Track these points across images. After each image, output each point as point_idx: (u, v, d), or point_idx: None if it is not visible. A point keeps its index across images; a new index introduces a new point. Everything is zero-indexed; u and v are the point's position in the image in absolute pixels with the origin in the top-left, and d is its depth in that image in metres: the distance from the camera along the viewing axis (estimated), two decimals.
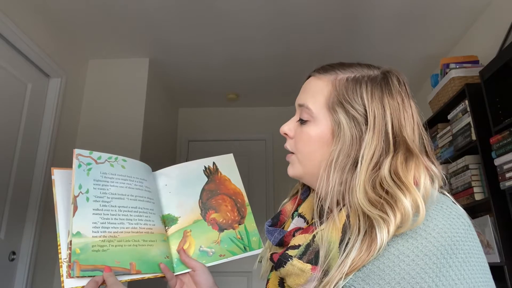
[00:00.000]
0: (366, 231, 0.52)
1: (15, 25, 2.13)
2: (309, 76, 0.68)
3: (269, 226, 0.68)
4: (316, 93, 0.63)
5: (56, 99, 2.53)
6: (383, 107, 0.58)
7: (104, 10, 2.39)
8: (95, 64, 2.99)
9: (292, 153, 0.66)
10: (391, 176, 0.55)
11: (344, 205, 0.57)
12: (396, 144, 0.57)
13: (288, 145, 0.67)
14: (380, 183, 0.55)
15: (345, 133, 0.58)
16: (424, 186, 0.54)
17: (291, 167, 0.66)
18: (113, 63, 2.99)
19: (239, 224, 0.85)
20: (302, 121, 0.64)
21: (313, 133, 0.62)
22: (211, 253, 0.81)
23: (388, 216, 0.51)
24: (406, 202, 0.51)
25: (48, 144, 2.44)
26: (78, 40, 2.70)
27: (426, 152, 0.61)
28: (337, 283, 0.50)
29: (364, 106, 0.58)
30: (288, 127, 0.67)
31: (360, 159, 0.56)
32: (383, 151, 0.56)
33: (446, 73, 2.32)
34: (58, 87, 2.55)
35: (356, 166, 0.57)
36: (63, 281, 0.64)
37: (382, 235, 0.50)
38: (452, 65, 2.29)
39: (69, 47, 2.72)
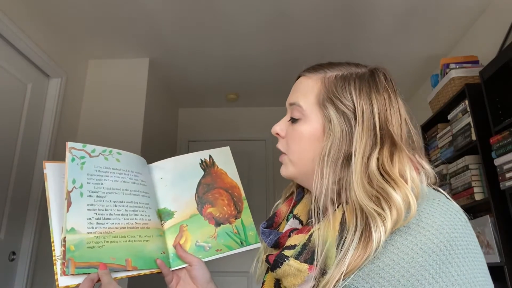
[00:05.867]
0: (363, 229, 0.52)
1: (15, 25, 2.14)
2: (299, 76, 0.69)
3: (264, 228, 0.68)
4: (306, 91, 0.64)
5: (56, 99, 2.53)
6: (371, 102, 0.60)
7: (104, 10, 2.39)
8: (95, 64, 2.99)
9: (284, 153, 0.67)
10: (379, 171, 0.56)
11: (339, 204, 0.57)
12: (382, 138, 0.58)
13: (280, 145, 0.68)
14: (370, 177, 0.55)
15: (335, 128, 0.59)
16: (411, 179, 0.55)
17: (283, 167, 0.67)
18: (113, 63, 2.99)
19: (236, 219, 0.84)
20: (293, 120, 0.65)
21: (305, 131, 0.63)
22: (208, 248, 0.81)
23: (384, 211, 0.51)
24: (397, 197, 0.52)
25: (48, 144, 2.44)
26: (78, 40, 2.71)
27: (416, 148, 0.62)
28: (336, 282, 0.50)
29: (353, 101, 0.60)
30: (280, 127, 0.68)
31: (353, 152, 0.57)
32: (372, 145, 0.57)
33: (446, 73, 2.32)
34: (58, 87, 2.55)
35: (349, 162, 0.58)
36: (57, 279, 0.62)
37: (378, 233, 0.50)
38: (452, 65, 2.29)
39: (69, 47, 2.72)
